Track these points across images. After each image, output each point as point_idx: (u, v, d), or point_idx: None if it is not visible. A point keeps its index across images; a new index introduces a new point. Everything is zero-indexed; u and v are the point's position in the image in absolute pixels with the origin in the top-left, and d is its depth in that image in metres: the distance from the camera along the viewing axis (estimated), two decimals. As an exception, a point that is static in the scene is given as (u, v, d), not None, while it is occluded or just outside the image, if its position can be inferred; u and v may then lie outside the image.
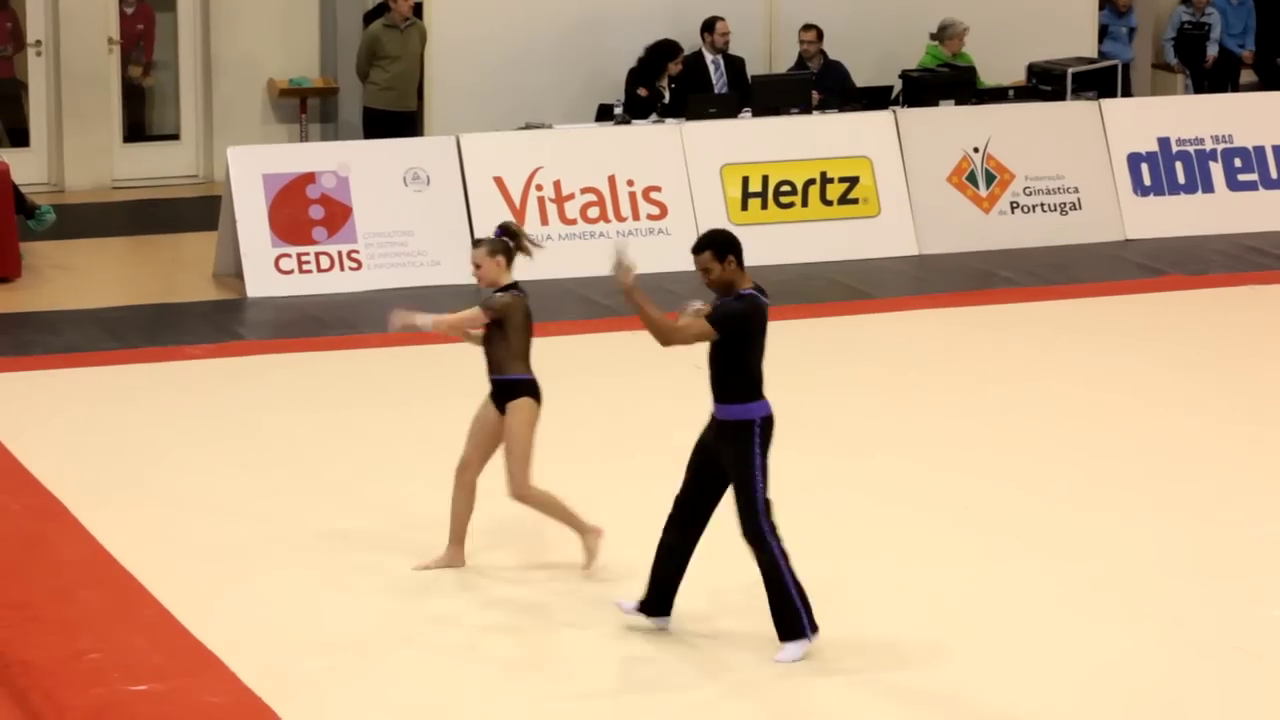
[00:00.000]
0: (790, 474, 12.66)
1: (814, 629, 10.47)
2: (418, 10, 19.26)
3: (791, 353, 15.61)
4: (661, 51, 19.18)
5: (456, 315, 11.58)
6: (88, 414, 14.29)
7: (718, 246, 10.55)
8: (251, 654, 10.55)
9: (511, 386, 11.40)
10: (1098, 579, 11.56)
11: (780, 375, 14.82)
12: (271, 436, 13.94)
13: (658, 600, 10.78)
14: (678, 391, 13.01)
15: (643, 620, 10.80)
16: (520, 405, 11.37)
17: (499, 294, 11.34)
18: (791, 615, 10.45)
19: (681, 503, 10.69)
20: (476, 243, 11.65)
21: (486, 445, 11.50)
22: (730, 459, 10.51)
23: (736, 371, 10.54)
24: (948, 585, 11.53)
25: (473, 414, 11.56)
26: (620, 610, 10.83)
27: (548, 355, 11.68)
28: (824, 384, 14.98)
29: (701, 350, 10.58)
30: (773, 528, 10.48)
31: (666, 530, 10.74)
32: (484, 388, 11.49)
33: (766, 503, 10.49)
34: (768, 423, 10.58)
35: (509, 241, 11.51)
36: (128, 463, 13.37)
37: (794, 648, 10.45)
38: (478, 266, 11.48)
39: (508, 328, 11.37)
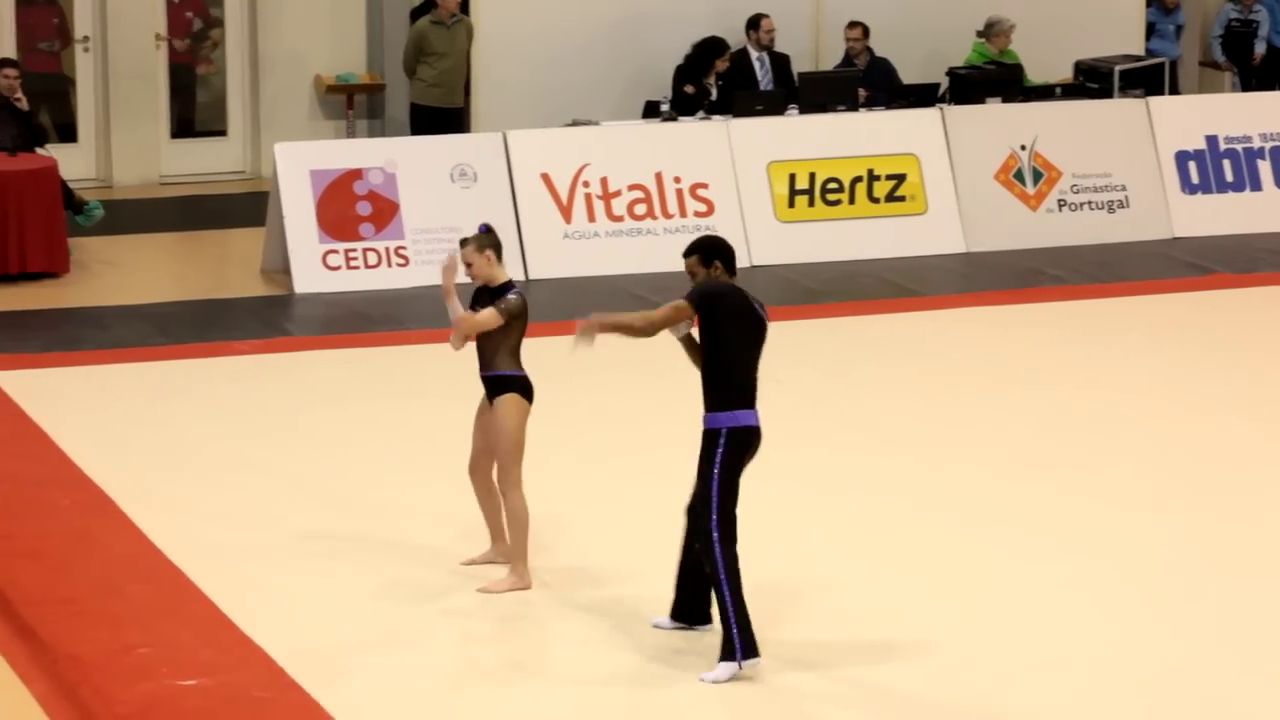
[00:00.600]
0: (824, 470, 12.64)
1: (750, 653, 10.11)
2: (464, 6, 19.26)
3: (837, 350, 15.67)
4: (709, 49, 19.13)
5: (476, 318, 11.29)
6: (135, 409, 14.28)
7: (704, 251, 10.38)
8: (298, 649, 10.53)
9: (502, 382, 11.29)
10: (1123, 575, 11.48)
11: (825, 372, 14.95)
12: (319, 432, 13.93)
13: (691, 608, 10.57)
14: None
15: (681, 629, 10.64)
16: (507, 400, 11.24)
17: (510, 296, 11.17)
18: (725, 636, 10.16)
19: (687, 510, 10.42)
20: (464, 242, 11.43)
21: (489, 442, 11.39)
22: (698, 466, 10.23)
23: (715, 375, 10.18)
24: (974, 584, 11.44)
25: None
26: (660, 629, 10.66)
27: (596, 350, 11.65)
28: (867, 381, 14.96)
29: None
30: (725, 543, 10.13)
31: (684, 537, 10.51)
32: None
33: (724, 517, 10.14)
34: (738, 435, 10.15)
35: (495, 235, 11.35)
36: (175, 458, 13.36)
37: (722, 669, 10.12)
38: (469, 265, 11.32)
39: (507, 326, 11.26)
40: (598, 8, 19.45)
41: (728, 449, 10.11)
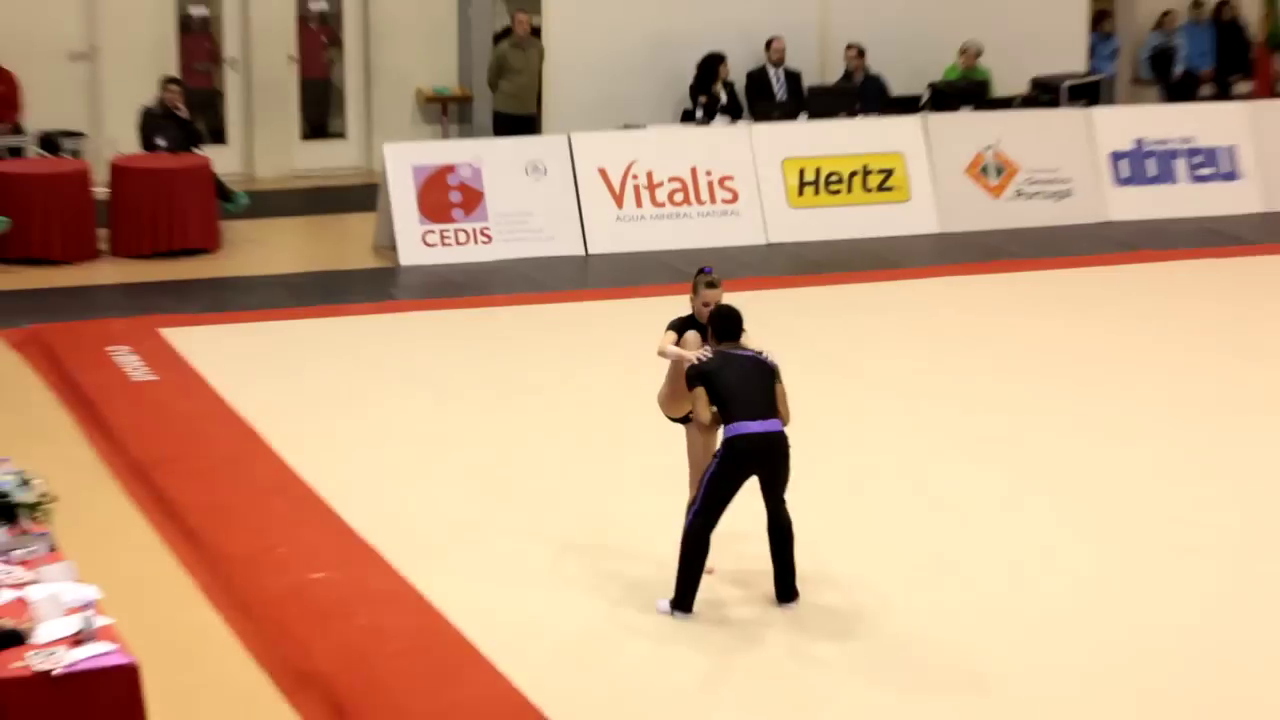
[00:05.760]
0: (822, 408, 12.64)
1: (683, 610, 9.68)
2: (536, 32, 19.29)
3: (837, 309, 15.71)
4: (709, 64, 19.19)
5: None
6: (274, 358, 14.36)
7: (711, 324, 9.83)
8: (405, 547, 10.62)
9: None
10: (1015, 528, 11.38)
11: (827, 329, 15.02)
12: (421, 375, 13.98)
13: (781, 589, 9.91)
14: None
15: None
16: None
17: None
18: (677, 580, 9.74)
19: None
20: (712, 283, 10.04)
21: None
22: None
23: (724, 415, 9.57)
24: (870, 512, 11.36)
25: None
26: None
27: (640, 312, 11.61)
28: (861, 334, 14.97)
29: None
30: (698, 527, 9.61)
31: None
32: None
33: (702, 511, 9.60)
34: (734, 442, 9.51)
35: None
36: (307, 397, 13.43)
37: (663, 603, 9.75)
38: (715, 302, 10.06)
39: None
40: (643, 34, 19.50)
41: (723, 457, 9.58)
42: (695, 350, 9.78)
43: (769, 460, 9.59)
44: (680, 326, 10.12)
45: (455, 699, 8.92)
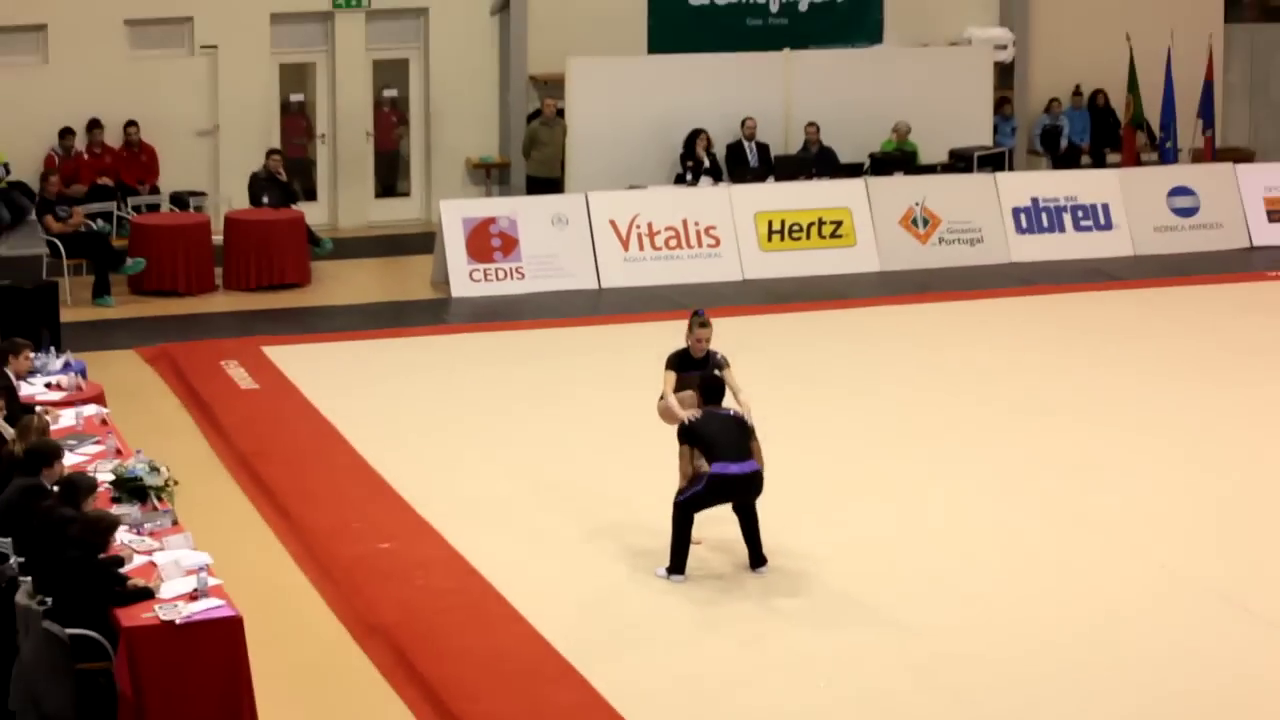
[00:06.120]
0: (786, 409, 12.55)
1: (677, 573, 9.54)
2: (560, 113, 19.17)
3: (798, 332, 15.61)
4: (691, 137, 19.02)
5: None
6: (353, 370, 14.25)
7: (699, 389, 9.70)
8: (454, 523, 10.52)
9: None
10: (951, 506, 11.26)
11: (789, 345, 14.92)
12: (472, 381, 13.87)
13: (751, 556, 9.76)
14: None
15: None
16: None
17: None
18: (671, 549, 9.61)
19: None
20: (705, 323, 9.86)
21: None
22: None
23: (709, 461, 9.48)
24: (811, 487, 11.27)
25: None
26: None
27: (644, 334, 11.59)
28: (818, 352, 14.83)
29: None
30: (682, 510, 9.49)
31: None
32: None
33: (684, 505, 9.48)
34: (715, 480, 9.40)
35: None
36: (379, 400, 13.33)
37: (662, 570, 9.62)
38: (706, 339, 9.97)
39: None
40: (644, 115, 19.25)
41: (707, 488, 9.44)
42: (688, 411, 9.69)
43: (746, 494, 9.58)
44: (675, 362, 10.06)
45: (493, 645, 8.89)
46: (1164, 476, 11.52)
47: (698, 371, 9.97)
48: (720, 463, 9.45)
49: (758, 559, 9.76)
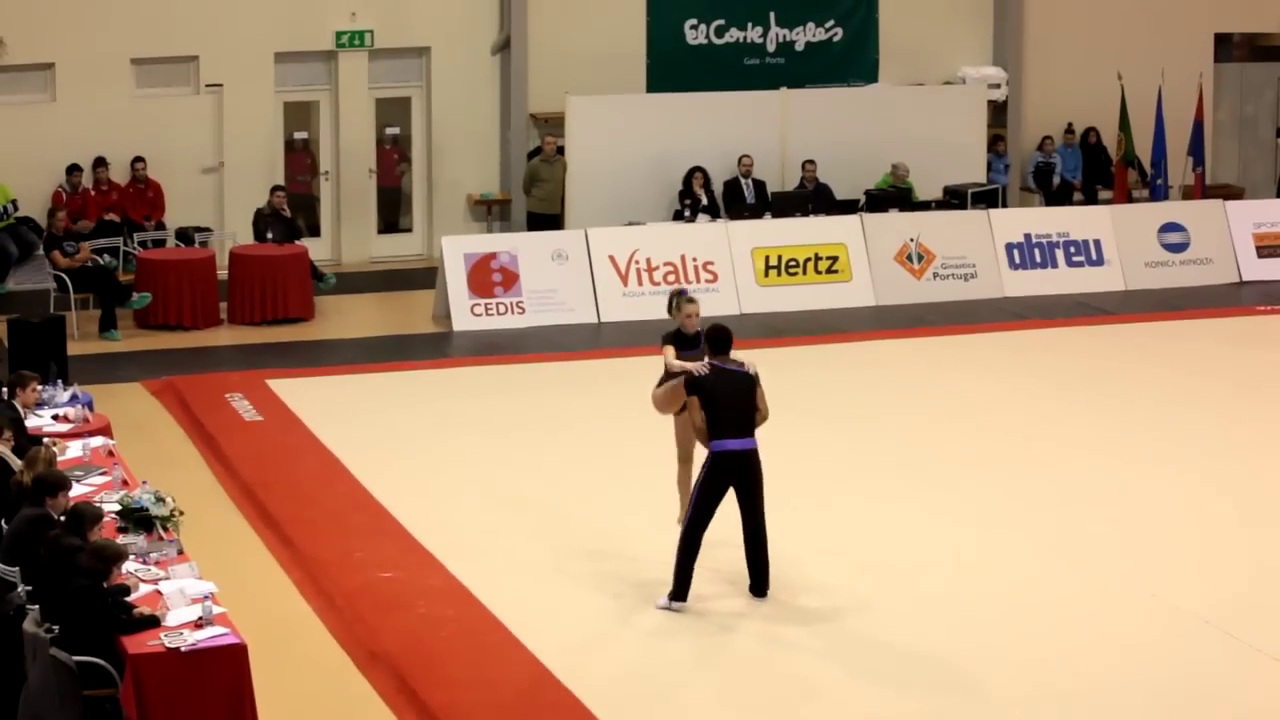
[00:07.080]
0: (784, 439, 12.53)
1: (679, 599, 9.50)
2: (560, 151, 19.23)
3: (795, 365, 15.63)
4: (690, 175, 19.09)
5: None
6: (355, 402, 14.27)
7: (705, 338, 9.74)
8: (455, 552, 10.52)
9: None
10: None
11: (786, 377, 14.94)
12: (472, 414, 13.89)
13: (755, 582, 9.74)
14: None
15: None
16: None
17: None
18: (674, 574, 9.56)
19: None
20: (691, 299, 10.01)
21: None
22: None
23: (713, 425, 9.47)
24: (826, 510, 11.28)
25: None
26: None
27: (642, 368, 11.57)
28: (814, 383, 14.84)
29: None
30: (690, 532, 9.48)
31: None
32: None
33: (692, 519, 9.48)
34: (719, 457, 9.41)
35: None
36: (381, 432, 13.34)
37: (663, 599, 9.60)
38: (696, 315, 10.03)
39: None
40: (643, 153, 19.31)
41: (709, 470, 9.46)
42: (697, 364, 9.69)
43: (745, 472, 9.50)
44: (673, 339, 10.11)
45: (493, 673, 8.89)
46: (1157, 507, 11.54)
47: (693, 350, 10.00)
48: (719, 440, 9.38)
49: (760, 585, 9.72)
